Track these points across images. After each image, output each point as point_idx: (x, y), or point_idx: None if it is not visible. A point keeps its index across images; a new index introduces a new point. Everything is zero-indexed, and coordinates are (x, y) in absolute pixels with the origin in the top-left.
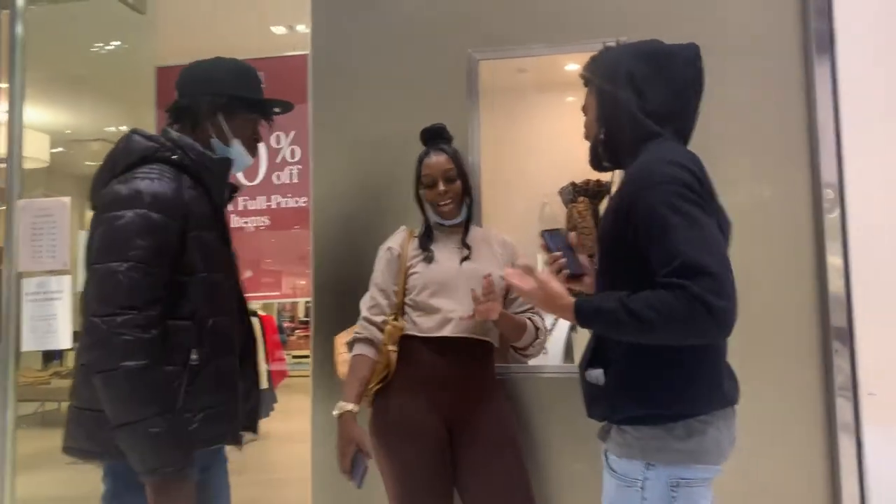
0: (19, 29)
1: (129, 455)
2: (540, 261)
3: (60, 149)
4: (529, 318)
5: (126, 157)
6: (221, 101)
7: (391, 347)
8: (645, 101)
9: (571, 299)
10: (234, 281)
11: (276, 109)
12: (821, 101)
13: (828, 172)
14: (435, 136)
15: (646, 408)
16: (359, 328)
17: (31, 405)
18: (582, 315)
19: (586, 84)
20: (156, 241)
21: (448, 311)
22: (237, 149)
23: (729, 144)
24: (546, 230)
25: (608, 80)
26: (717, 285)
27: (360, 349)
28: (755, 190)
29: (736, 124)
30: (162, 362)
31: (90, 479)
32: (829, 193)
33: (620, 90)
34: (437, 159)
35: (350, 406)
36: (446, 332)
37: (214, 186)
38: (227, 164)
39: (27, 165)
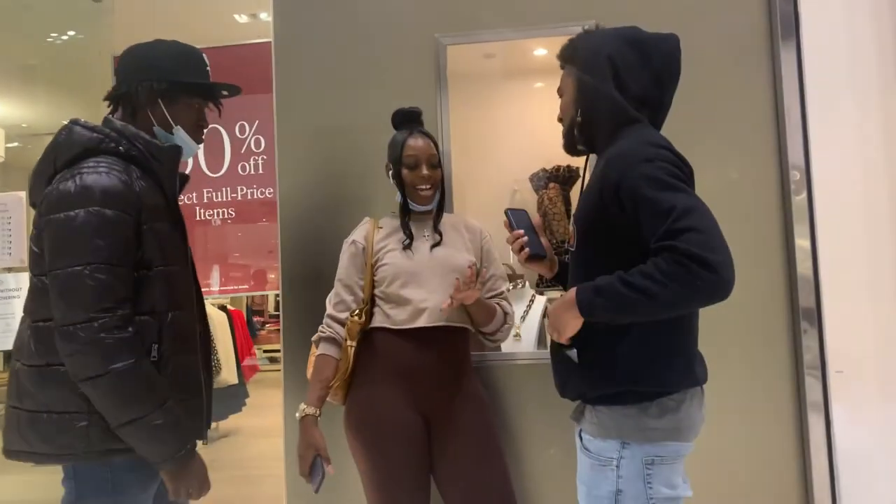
0: None
1: (139, 449)
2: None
3: (16, 143)
4: (498, 304)
5: (68, 151)
6: (161, 86)
7: (349, 342)
8: (625, 86)
9: (570, 295)
10: (190, 274)
11: (224, 93)
12: (787, 84)
13: (794, 155)
14: (410, 120)
15: (619, 384)
16: (323, 326)
17: None
18: (584, 304)
19: (563, 66)
20: (115, 239)
21: (420, 302)
22: (181, 135)
23: (695, 128)
24: (510, 209)
25: (588, 63)
26: (705, 239)
27: (323, 348)
28: (722, 173)
29: (702, 108)
30: (147, 357)
31: (55, 481)
32: (795, 175)
33: (601, 74)
34: (423, 142)
35: (311, 410)
36: (420, 322)
37: (165, 176)
38: (176, 152)
39: None
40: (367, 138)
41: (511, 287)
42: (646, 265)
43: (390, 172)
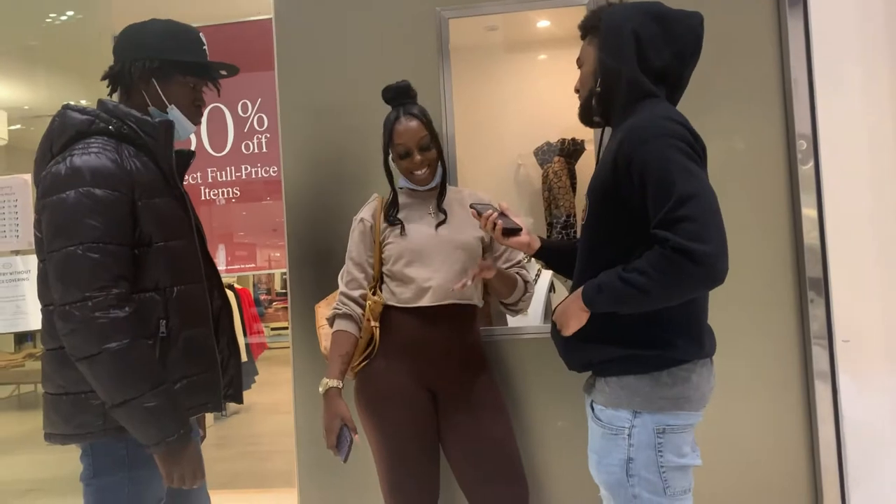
0: None
1: (131, 431)
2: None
3: (18, 126)
4: (517, 273)
5: (62, 135)
6: (153, 64)
7: (374, 323)
8: (646, 60)
9: (577, 293)
10: (196, 248)
11: (223, 73)
12: (794, 52)
13: (801, 124)
14: (400, 95)
15: (625, 348)
16: (337, 304)
17: (7, 388)
18: (587, 298)
19: (584, 36)
20: (106, 217)
21: (423, 281)
22: (175, 115)
23: (701, 97)
24: (474, 204)
25: (611, 35)
26: (697, 229)
27: (340, 325)
28: (728, 143)
29: (708, 77)
30: (142, 337)
31: (69, 459)
32: (802, 145)
33: (623, 47)
34: (410, 125)
35: (334, 382)
36: (424, 301)
37: (159, 152)
38: (168, 126)
39: None
40: (370, 114)
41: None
42: (640, 260)
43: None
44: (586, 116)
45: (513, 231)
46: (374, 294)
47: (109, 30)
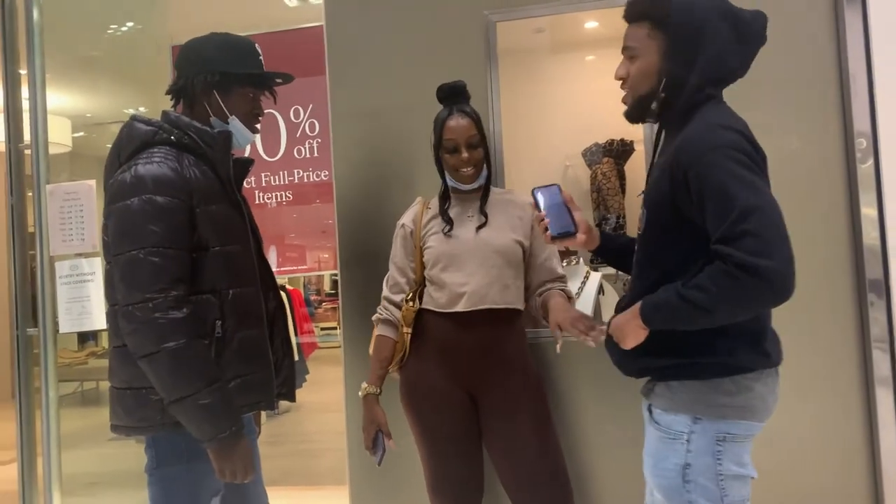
0: (36, 14)
1: (187, 426)
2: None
3: (81, 133)
4: (561, 290)
5: (129, 145)
6: (214, 78)
7: (406, 329)
8: (712, 61)
9: (635, 310)
10: (251, 252)
11: (278, 81)
12: (852, 49)
13: (860, 121)
14: (454, 94)
15: (686, 357)
16: (380, 308)
17: (71, 385)
18: (645, 317)
19: (637, 19)
20: (166, 223)
21: (458, 286)
22: (235, 125)
23: (758, 95)
24: (538, 187)
25: (686, 36)
26: (760, 245)
27: (381, 330)
28: (783, 141)
29: (763, 73)
30: (199, 337)
31: (130, 453)
32: (861, 143)
33: (693, 46)
34: (461, 123)
35: (372, 389)
36: (459, 307)
37: (218, 161)
38: (227, 136)
39: (51, 151)
40: (419, 118)
41: (565, 263)
42: (701, 277)
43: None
44: (639, 114)
45: (563, 236)
46: (413, 299)
47: (167, 39)
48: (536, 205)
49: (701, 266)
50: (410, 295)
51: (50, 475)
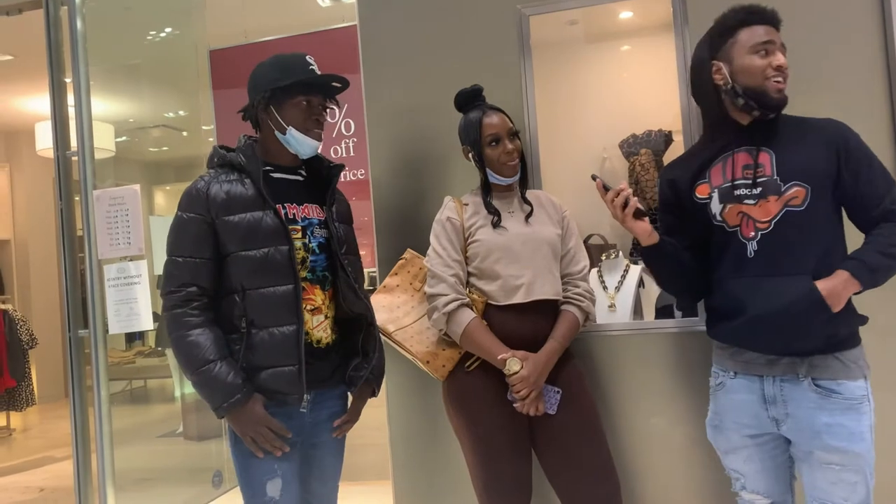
0: (79, 25)
1: (203, 398)
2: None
3: (124, 137)
4: (577, 306)
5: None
6: (266, 95)
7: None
8: None
9: (845, 275)
10: (287, 254)
11: (336, 84)
12: None
13: None
14: (475, 97)
15: (859, 322)
16: (450, 300)
17: (120, 384)
18: (864, 281)
19: (779, 26)
20: (181, 235)
21: (514, 278)
22: (293, 135)
23: (802, 86)
24: (597, 175)
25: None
26: None
27: (469, 313)
28: None
29: (808, 65)
30: (201, 328)
31: (178, 450)
32: None
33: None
34: (500, 117)
35: (509, 356)
36: (517, 299)
37: (252, 171)
38: (251, 148)
39: (96, 156)
40: (455, 114)
41: (604, 258)
42: (883, 235)
43: (471, 154)
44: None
45: (640, 213)
46: (471, 293)
47: (205, 44)
48: (604, 186)
49: (841, 236)
50: (468, 288)
51: (104, 471)
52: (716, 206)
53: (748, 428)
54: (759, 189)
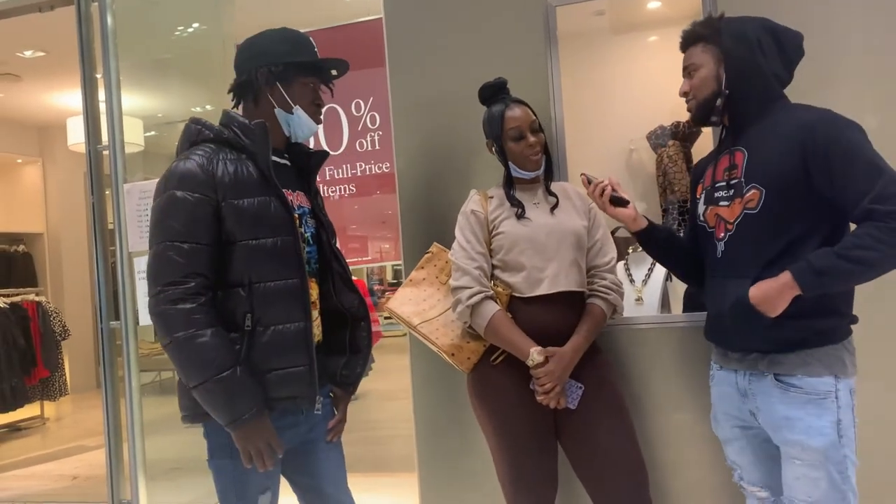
0: (109, 21)
1: (209, 411)
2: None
3: (153, 132)
4: (604, 299)
5: (181, 146)
6: (277, 69)
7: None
8: (770, 67)
9: (785, 278)
10: (293, 245)
11: (334, 73)
12: None
13: None
14: (499, 90)
15: (823, 318)
16: (474, 293)
17: (149, 375)
18: (806, 283)
19: (692, 43)
20: (184, 218)
21: (539, 270)
22: (299, 115)
23: (829, 72)
24: (585, 172)
25: (739, 43)
26: None
27: (493, 306)
28: (860, 119)
29: (835, 51)
30: (213, 327)
31: (189, 441)
32: None
33: (753, 53)
34: (522, 110)
35: (535, 350)
36: (542, 290)
37: (258, 152)
38: (263, 127)
39: (126, 150)
40: (480, 107)
41: (630, 251)
42: (856, 236)
43: (494, 148)
44: (704, 117)
45: (620, 201)
46: (496, 286)
47: (232, 37)
48: (588, 180)
49: (828, 231)
50: (492, 281)
51: (135, 460)
52: (701, 207)
53: (736, 420)
54: (732, 191)
